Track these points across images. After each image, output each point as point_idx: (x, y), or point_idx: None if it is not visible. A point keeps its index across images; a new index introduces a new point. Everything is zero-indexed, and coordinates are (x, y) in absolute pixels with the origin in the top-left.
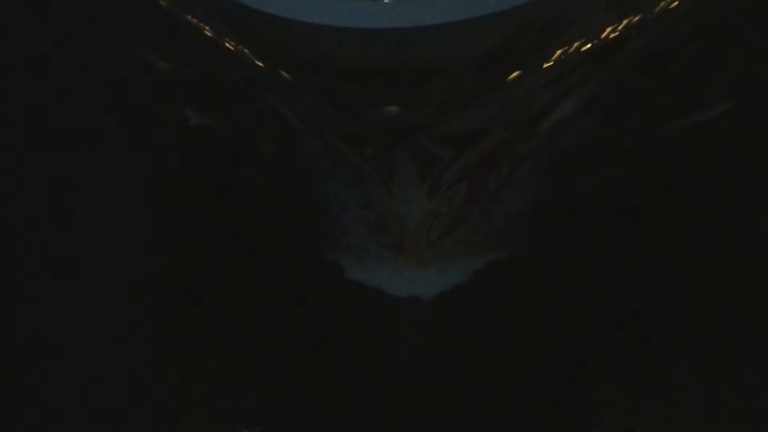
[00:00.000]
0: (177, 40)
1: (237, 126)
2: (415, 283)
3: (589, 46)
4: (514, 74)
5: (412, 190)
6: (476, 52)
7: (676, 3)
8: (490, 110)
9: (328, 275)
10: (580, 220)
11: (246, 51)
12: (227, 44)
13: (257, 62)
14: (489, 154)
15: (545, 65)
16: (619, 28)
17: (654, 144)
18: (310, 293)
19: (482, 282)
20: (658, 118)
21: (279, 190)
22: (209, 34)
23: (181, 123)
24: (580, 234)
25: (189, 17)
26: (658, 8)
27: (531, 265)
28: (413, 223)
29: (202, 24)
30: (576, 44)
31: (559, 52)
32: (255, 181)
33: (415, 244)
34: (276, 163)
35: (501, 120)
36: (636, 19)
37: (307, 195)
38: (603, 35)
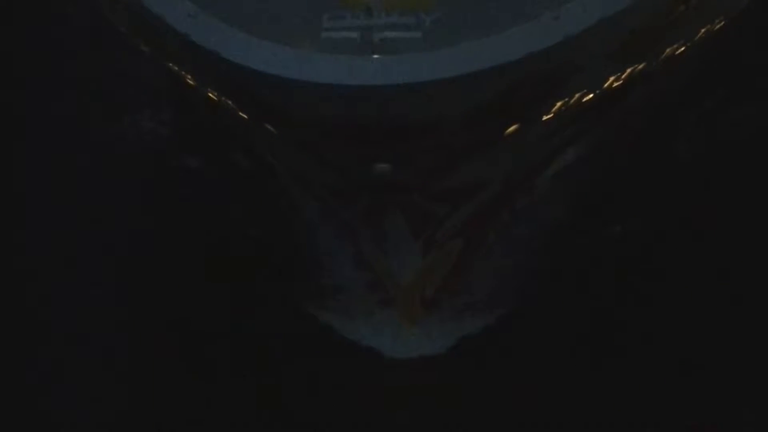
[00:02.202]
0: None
1: (229, 173)
2: (407, 344)
3: (591, 96)
4: (512, 128)
5: (404, 247)
6: (472, 108)
7: (682, 49)
8: (487, 165)
9: (317, 333)
10: (583, 275)
11: (229, 102)
12: (210, 94)
13: (241, 114)
14: (487, 207)
15: (545, 118)
16: (623, 77)
17: (662, 192)
18: (297, 351)
19: (479, 342)
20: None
21: (269, 242)
22: (191, 82)
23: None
24: (582, 291)
25: (170, 64)
26: (663, 55)
27: (531, 325)
28: (406, 280)
29: (183, 72)
30: (577, 96)
31: (559, 104)
32: (245, 231)
33: (409, 303)
34: (267, 212)
35: (499, 174)
36: (640, 67)
37: (297, 247)
38: (606, 85)
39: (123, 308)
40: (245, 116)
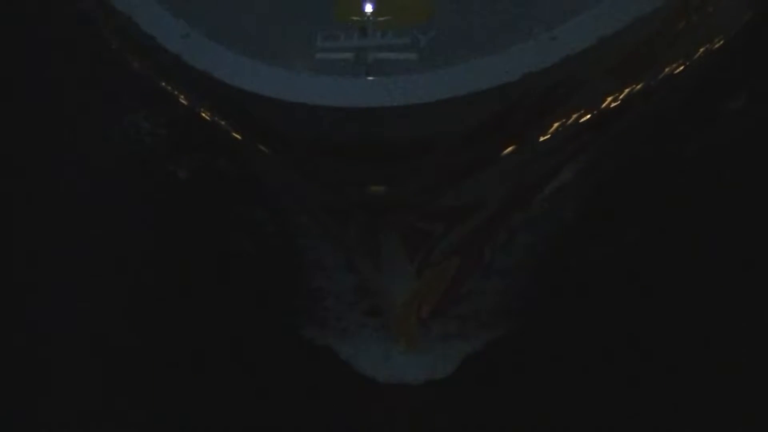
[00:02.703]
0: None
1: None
2: (403, 368)
3: (588, 116)
4: (509, 149)
5: (400, 267)
6: (467, 129)
7: (681, 67)
8: (484, 185)
9: (312, 355)
10: (582, 294)
11: (222, 122)
12: (203, 114)
13: (234, 134)
14: (484, 225)
15: (542, 138)
16: (621, 96)
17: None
18: (292, 373)
19: (476, 365)
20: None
21: (265, 260)
22: (184, 102)
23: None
24: (582, 309)
25: (162, 83)
26: (662, 74)
27: (529, 345)
28: (402, 301)
29: (176, 92)
30: (575, 115)
31: (557, 124)
32: (242, 249)
33: (404, 324)
34: (263, 230)
35: (496, 192)
36: (639, 86)
37: (291, 265)
38: (603, 105)
39: (115, 315)
40: (238, 135)
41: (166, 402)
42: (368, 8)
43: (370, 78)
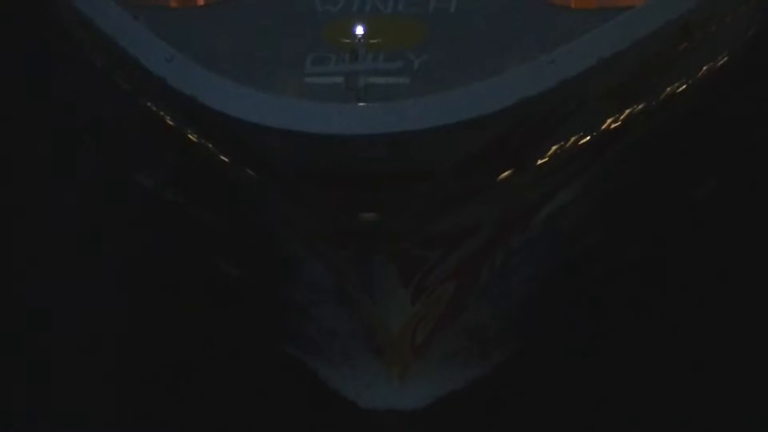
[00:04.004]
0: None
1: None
2: (397, 395)
3: (588, 138)
4: (506, 174)
5: (393, 295)
6: (463, 156)
7: (684, 87)
8: (480, 210)
9: (301, 381)
10: (582, 316)
11: (209, 145)
12: (189, 136)
13: (221, 157)
14: (480, 250)
15: (539, 162)
16: (621, 118)
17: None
18: (281, 400)
19: (472, 391)
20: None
21: (251, 284)
22: (170, 123)
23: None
24: (581, 333)
25: (148, 104)
26: (664, 94)
27: (527, 371)
28: (396, 328)
29: (161, 113)
30: (573, 138)
31: (554, 147)
32: (229, 272)
33: (399, 351)
34: (248, 252)
35: (492, 217)
36: (639, 107)
37: (282, 291)
38: (603, 126)
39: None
40: (226, 159)
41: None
42: (359, 30)
43: (361, 104)
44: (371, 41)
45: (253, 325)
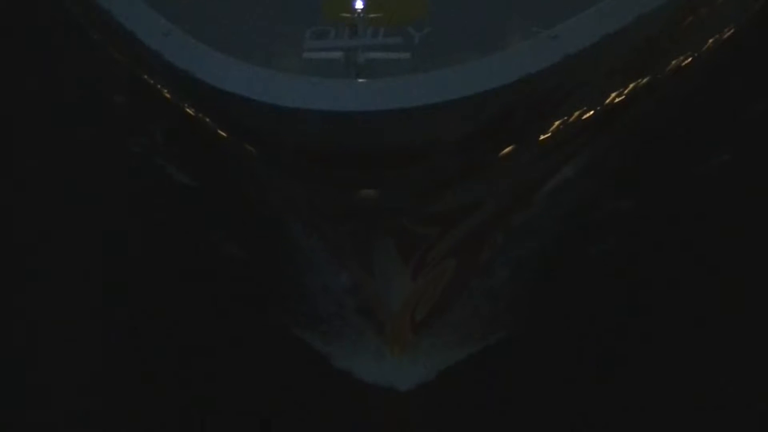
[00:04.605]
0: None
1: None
2: (395, 372)
3: (591, 113)
4: (508, 149)
5: (394, 271)
6: (464, 133)
7: (689, 60)
8: (481, 187)
9: (301, 357)
10: (581, 296)
11: (207, 120)
12: (187, 110)
13: (219, 132)
14: (481, 227)
15: (542, 137)
16: (626, 92)
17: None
18: (279, 375)
19: (471, 370)
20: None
21: (252, 260)
22: (168, 96)
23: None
24: (581, 313)
25: (146, 77)
26: (669, 67)
27: (527, 350)
28: (396, 305)
29: (159, 86)
30: (576, 113)
31: (557, 123)
32: (228, 251)
33: (399, 328)
34: (249, 230)
35: (494, 193)
36: (644, 81)
37: (284, 269)
38: (607, 101)
39: (106, 324)
40: (224, 134)
41: (155, 402)
42: (359, 5)
43: (361, 80)
44: (371, 15)
45: (251, 301)
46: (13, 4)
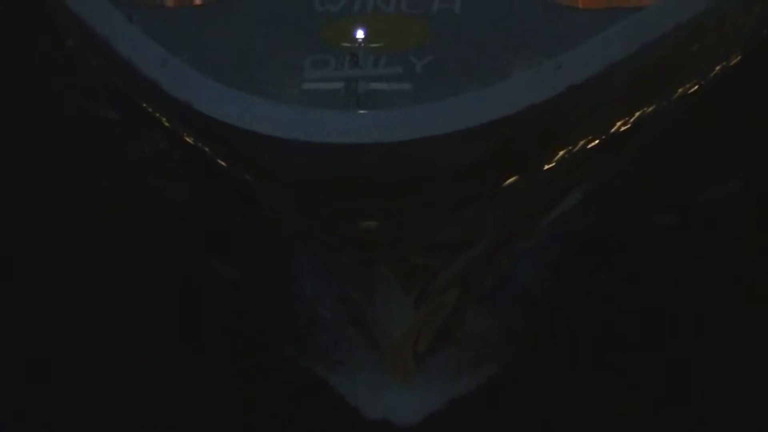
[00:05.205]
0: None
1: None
2: (396, 405)
3: (596, 142)
4: (511, 179)
5: (395, 301)
6: (466, 164)
7: (696, 88)
8: (484, 216)
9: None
10: (587, 323)
11: (206, 149)
12: (186, 138)
13: (218, 161)
14: (484, 256)
15: (546, 167)
16: (631, 120)
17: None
18: (279, 402)
19: (474, 400)
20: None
21: (251, 285)
22: (166, 124)
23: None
24: (586, 340)
25: (144, 105)
26: (675, 95)
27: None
28: (398, 335)
29: (157, 114)
30: (581, 143)
31: (562, 152)
32: (226, 274)
33: (401, 358)
34: (249, 253)
35: (497, 223)
36: (650, 109)
37: (283, 293)
38: (612, 130)
39: (104, 344)
40: (223, 163)
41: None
42: (359, 34)
43: (362, 111)
44: (372, 45)
45: (253, 328)
46: (10, 30)
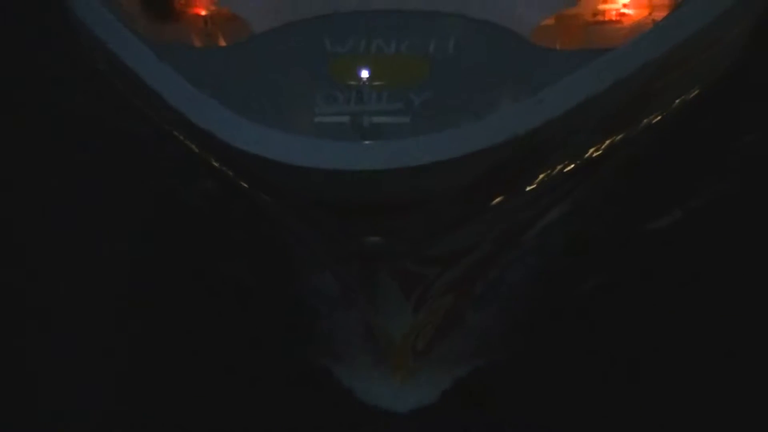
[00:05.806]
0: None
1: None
2: (396, 395)
3: (572, 166)
4: (498, 199)
5: (396, 306)
6: (458, 187)
7: (659, 118)
8: (475, 231)
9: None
10: (571, 323)
11: (215, 164)
12: (209, 160)
13: (239, 182)
14: (476, 265)
15: (528, 188)
16: (603, 147)
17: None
18: (281, 396)
19: (466, 393)
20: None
21: (258, 282)
22: (191, 146)
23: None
24: (571, 338)
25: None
26: (641, 125)
27: (518, 374)
28: (399, 338)
29: (182, 138)
30: (559, 167)
31: (542, 175)
32: (233, 273)
33: (401, 356)
34: (255, 252)
35: (486, 237)
36: (620, 137)
37: (290, 290)
38: (586, 155)
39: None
40: (243, 184)
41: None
42: (364, 74)
43: (366, 142)
44: (375, 83)
45: (261, 326)
46: (44, 57)
